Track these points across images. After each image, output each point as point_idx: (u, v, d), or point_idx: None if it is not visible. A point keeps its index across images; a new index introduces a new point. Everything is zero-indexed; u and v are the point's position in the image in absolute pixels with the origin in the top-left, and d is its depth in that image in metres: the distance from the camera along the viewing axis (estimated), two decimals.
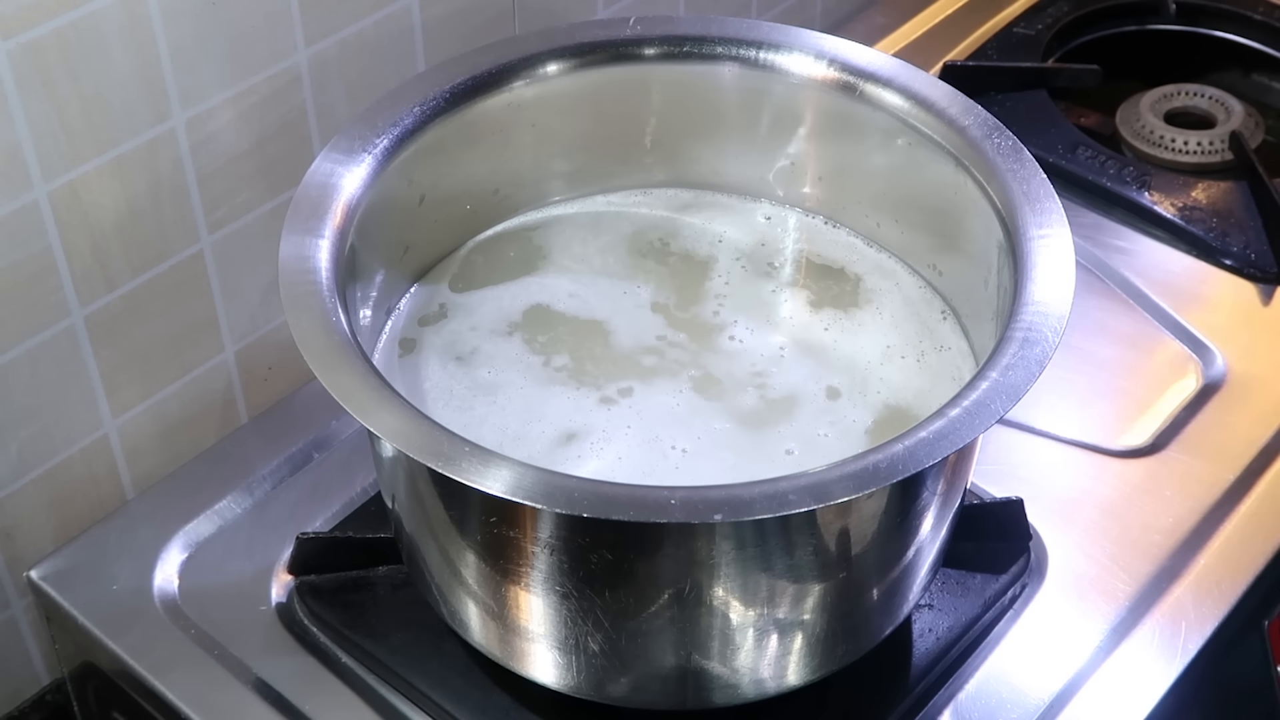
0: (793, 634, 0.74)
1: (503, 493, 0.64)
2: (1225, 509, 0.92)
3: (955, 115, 0.82)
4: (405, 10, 0.93)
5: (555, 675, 0.76)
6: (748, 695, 0.76)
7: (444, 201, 0.86)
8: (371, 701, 0.82)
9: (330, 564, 0.86)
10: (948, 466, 0.73)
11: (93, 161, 0.81)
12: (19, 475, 0.87)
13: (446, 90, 0.83)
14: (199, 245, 0.89)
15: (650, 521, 0.64)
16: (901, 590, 0.77)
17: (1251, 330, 1.04)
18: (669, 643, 0.73)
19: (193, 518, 0.91)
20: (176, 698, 0.82)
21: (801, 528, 0.69)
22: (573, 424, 0.79)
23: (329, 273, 0.73)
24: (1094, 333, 1.03)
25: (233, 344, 0.94)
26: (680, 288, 0.87)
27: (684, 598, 0.70)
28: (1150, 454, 0.95)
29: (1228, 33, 1.30)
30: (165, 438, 0.93)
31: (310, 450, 0.95)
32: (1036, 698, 0.83)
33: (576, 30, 0.88)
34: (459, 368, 0.82)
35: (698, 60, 0.87)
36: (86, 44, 0.78)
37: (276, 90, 0.88)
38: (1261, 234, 1.09)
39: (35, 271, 0.81)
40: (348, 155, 0.78)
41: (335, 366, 0.68)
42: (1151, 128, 1.19)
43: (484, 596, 0.75)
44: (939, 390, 0.80)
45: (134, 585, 0.87)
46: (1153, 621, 0.86)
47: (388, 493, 0.78)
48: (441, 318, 0.85)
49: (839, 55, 0.86)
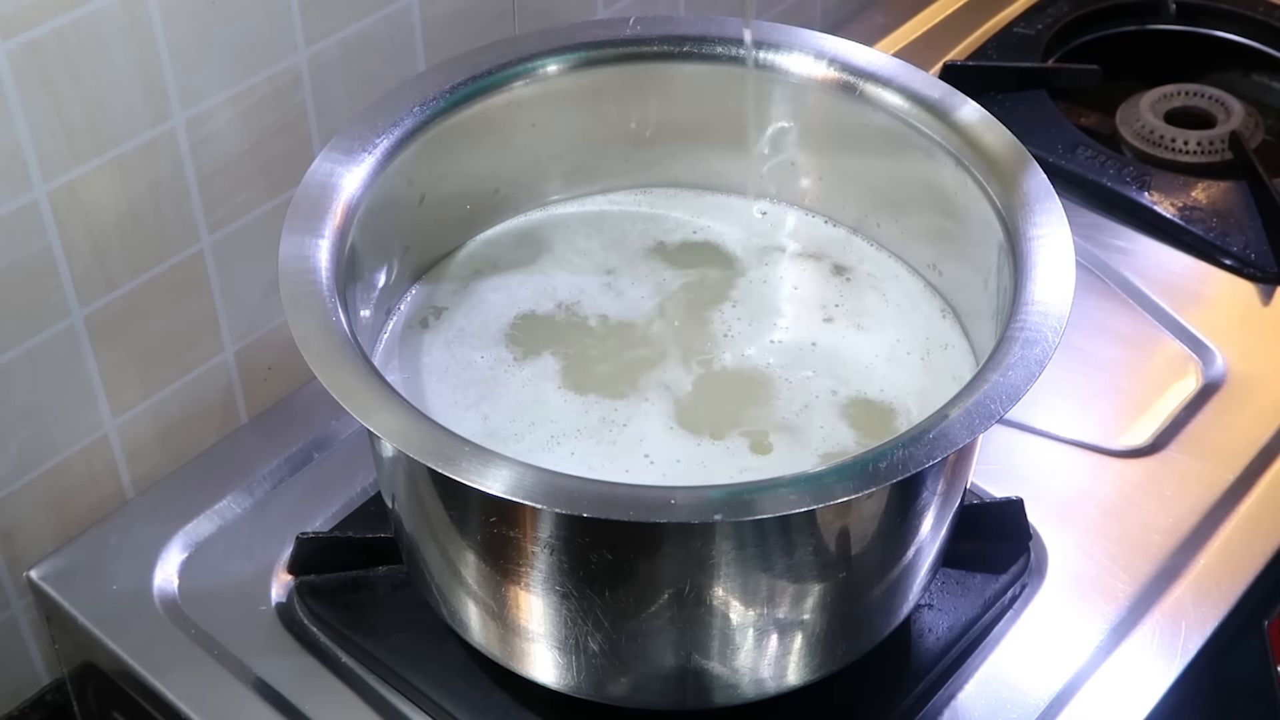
0: (793, 634, 0.74)
1: (503, 493, 0.64)
2: (1225, 509, 0.92)
3: (955, 115, 0.82)
4: (405, 10, 0.93)
5: (555, 675, 0.76)
6: (748, 695, 0.76)
7: (444, 201, 0.86)
8: (371, 701, 0.82)
9: (330, 564, 0.86)
10: (948, 466, 0.73)
11: (93, 161, 0.81)
12: (19, 475, 0.87)
13: (446, 90, 0.83)
14: (199, 245, 0.89)
15: (650, 521, 0.64)
16: (901, 590, 0.77)
17: (1251, 330, 1.04)
18: (669, 643, 0.73)
19: (193, 518, 0.91)
20: (176, 698, 0.82)
21: (801, 528, 0.69)
22: (572, 423, 0.79)
23: (329, 273, 0.73)
24: (1094, 333, 1.03)
25: (233, 344, 0.94)
26: (680, 287, 0.87)
27: (684, 598, 0.70)
28: (1150, 454, 0.95)
29: (1228, 33, 1.30)
30: (165, 438, 0.93)
31: (310, 450, 0.95)
32: (1036, 698, 0.83)
33: (576, 30, 0.88)
34: (458, 367, 0.82)
35: (698, 60, 0.87)
36: (86, 44, 0.78)
37: (276, 90, 0.88)
38: (1261, 234, 1.09)
39: (35, 271, 0.81)
40: (348, 155, 0.78)
41: (335, 366, 0.68)
42: (1151, 127, 1.19)
43: (484, 596, 0.75)
44: (939, 390, 0.80)
45: (134, 585, 0.87)
46: (1153, 621, 0.86)
47: (388, 493, 0.78)
48: (441, 318, 0.85)
49: (839, 55, 0.86)
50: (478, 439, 0.77)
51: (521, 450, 0.77)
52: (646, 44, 0.87)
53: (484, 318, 0.85)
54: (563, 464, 0.76)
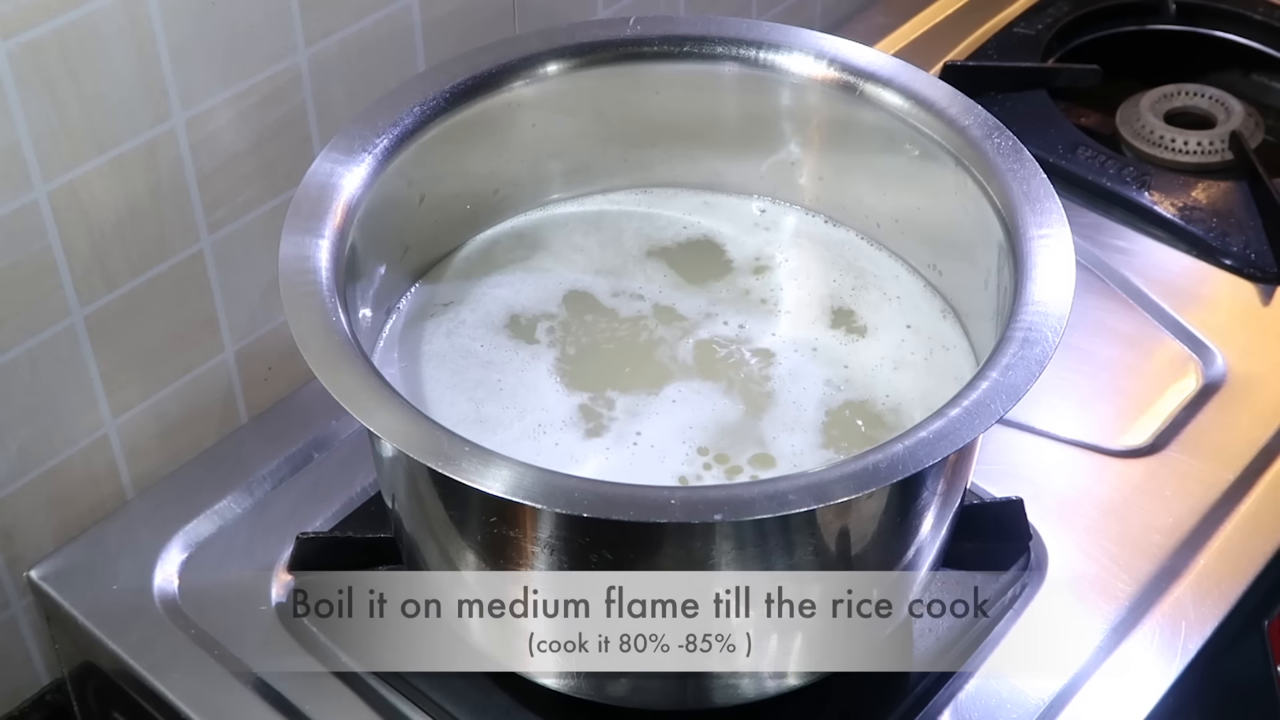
0: (793, 634, 0.74)
1: (503, 492, 0.64)
2: (1225, 509, 0.92)
3: (955, 115, 0.82)
4: (405, 10, 0.93)
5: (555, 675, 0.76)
6: (748, 695, 0.76)
7: (444, 201, 0.86)
8: (371, 701, 0.82)
9: (330, 564, 0.86)
10: (948, 466, 0.73)
11: (93, 161, 0.81)
12: (19, 475, 0.87)
13: (446, 90, 0.83)
14: (199, 245, 0.89)
15: (650, 521, 0.64)
16: (901, 590, 0.77)
17: (1251, 330, 1.04)
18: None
19: (193, 518, 0.91)
20: (176, 698, 0.82)
21: (801, 528, 0.69)
22: (572, 423, 0.79)
23: (329, 273, 0.73)
24: (1094, 333, 1.03)
25: (233, 344, 0.94)
26: (680, 287, 0.87)
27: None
28: (1150, 454, 0.95)
29: (1228, 33, 1.30)
30: (165, 438, 0.93)
31: (310, 450, 0.95)
32: (1036, 698, 0.83)
33: (576, 30, 0.88)
34: (456, 355, 0.82)
35: (698, 60, 0.87)
36: (86, 44, 0.78)
37: (276, 90, 0.88)
38: (1261, 234, 1.09)
39: (35, 271, 0.81)
40: (348, 155, 0.78)
41: (335, 366, 0.68)
42: (1151, 128, 1.19)
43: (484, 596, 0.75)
44: (940, 390, 0.80)
45: (134, 585, 0.87)
46: (1153, 621, 0.86)
47: (388, 493, 0.78)
48: (441, 317, 0.85)
49: (839, 55, 0.86)
50: (468, 423, 0.77)
51: (509, 438, 0.77)
52: (646, 44, 0.87)
53: (483, 314, 0.85)
54: (545, 453, 0.76)
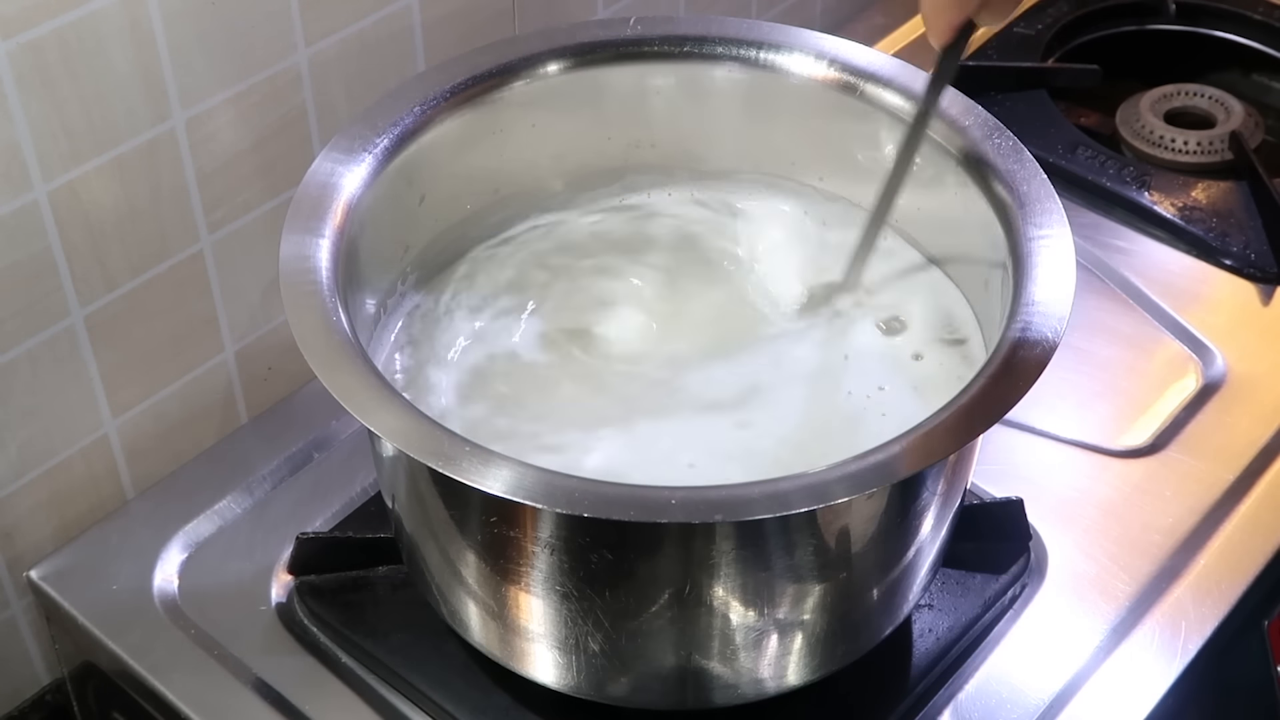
0: (792, 634, 0.74)
1: (503, 492, 0.64)
2: (1225, 509, 0.92)
3: (955, 115, 0.82)
4: (405, 10, 0.93)
5: (555, 675, 0.76)
6: (748, 695, 0.76)
7: (444, 201, 0.86)
8: (371, 701, 0.82)
9: (330, 564, 0.86)
10: (948, 466, 0.73)
11: (93, 161, 0.81)
12: (19, 475, 0.87)
13: (446, 90, 0.83)
14: (199, 245, 0.89)
15: (650, 521, 0.64)
16: (901, 590, 0.77)
17: (1251, 330, 1.04)
18: (669, 643, 0.73)
19: (193, 518, 0.91)
20: (176, 698, 0.82)
21: (801, 528, 0.69)
22: (573, 423, 0.79)
23: (329, 273, 0.73)
24: (1094, 333, 1.03)
25: (233, 344, 0.94)
26: (681, 287, 0.87)
27: (684, 598, 0.70)
28: (1150, 454, 0.95)
29: (1228, 33, 1.30)
30: (165, 438, 0.93)
31: (310, 450, 0.95)
32: (1036, 698, 0.83)
33: (576, 30, 0.88)
34: (458, 367, 0.82)
35: (698, 60, 0.87)
36: (86, 44, 0.78)
37: (276, 90, 0.88)
38: (1261, 234, 1.09)
39: (35, 271, 0.81)
40: (348, 155, 0.78)
41: (335, 366, 0.68)
42: (1151, 128, 1.19)
43: (484, 596, 0.75)
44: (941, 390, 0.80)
45: (134, 585, 0.87)
46: (1153, 621, 0.86)
47: (388, 493, 0.78)
48: (442, 317, 0.85)
49: (839, 55, 0.86)
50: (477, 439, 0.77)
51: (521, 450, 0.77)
52: (646, 44, 0.87)
53: (484, 317, 0.85)
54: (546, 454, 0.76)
